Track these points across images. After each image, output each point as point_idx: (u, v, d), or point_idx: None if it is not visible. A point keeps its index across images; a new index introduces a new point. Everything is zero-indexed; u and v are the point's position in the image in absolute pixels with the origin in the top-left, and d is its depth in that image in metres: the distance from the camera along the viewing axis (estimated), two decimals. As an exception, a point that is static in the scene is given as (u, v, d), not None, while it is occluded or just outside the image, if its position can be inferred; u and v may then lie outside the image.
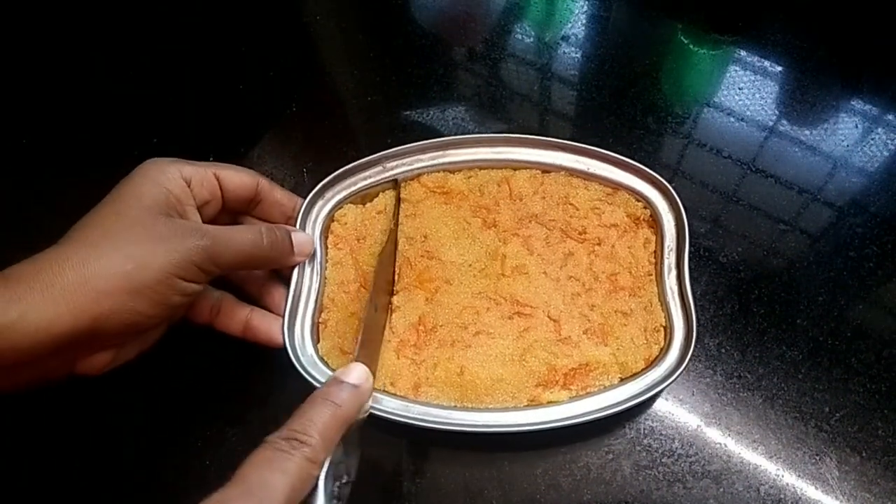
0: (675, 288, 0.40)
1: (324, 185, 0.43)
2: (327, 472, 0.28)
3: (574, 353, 0.40)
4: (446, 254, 0.43)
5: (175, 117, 0.54)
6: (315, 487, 0.27)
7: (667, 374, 0.38)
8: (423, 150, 0.45)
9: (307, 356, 0.39)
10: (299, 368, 0.37)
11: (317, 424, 0.28)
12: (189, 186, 0.35)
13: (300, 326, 0.40)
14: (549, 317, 0.41)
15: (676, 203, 0.42)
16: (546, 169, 0.45)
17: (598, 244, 0.43)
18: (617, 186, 0.44)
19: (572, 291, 0.41)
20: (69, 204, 0.33)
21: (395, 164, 0.44)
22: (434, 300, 0.41)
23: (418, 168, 0.44)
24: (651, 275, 0.42)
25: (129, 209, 0.32)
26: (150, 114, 0.54)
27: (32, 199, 0.50)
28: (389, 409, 0.37)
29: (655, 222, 0.43)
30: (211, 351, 0.40)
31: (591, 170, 0.44)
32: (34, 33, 0.59)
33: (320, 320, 0.41)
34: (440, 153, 0.45)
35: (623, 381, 0.39)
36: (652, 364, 0.39)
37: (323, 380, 0.38)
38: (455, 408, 0.38)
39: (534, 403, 0.38)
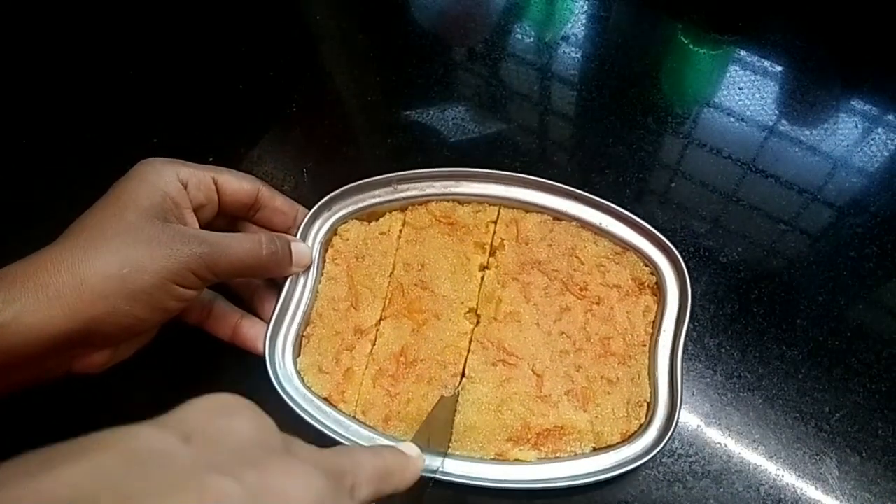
0: (667, 365, 0.39)
1: (331, 198, 0.42)
2: None
3: (551, 413, 0.38)
4: (440, 287, 0.42)
5: (175, 117, 0.54)
6: None
7: (641, 453, 0.37)
8: (436, 178, 0.43)
9: (284, 369, 0.39)
10: (273, 380, 0.37)
11: (354, 454, 0.25)
12: (186, 189, 0.35)
13: (283, 338, 0.40)
14: (533, 370, 0.40)
15: (684, 275, 0.40)
16: (557, 216, 0.43)
17: (597, 303, 0.41)
18: (626, 247, 0.42)
19: (561, 348, 0.40)
20: (68, 204, 0.33)
21: (406, 186, 0.43)
22: (420, 332, 0.41)
23: (429, 194, 0.43)
24: (645, 345, 0.40)
25: (126, 211, 0.32)
26: (149, 114, 0.54)
27: (31, 199, 0.50)
28: (355, 439, 0.37)
29: (659, 290, 0.41)
30: (198, 354, 0.40)
31: (604, 225, 0.42)
32: (34, 34, 0.59)
33: (304, 334, 0.41)
34: (453, 183, 0.44)
35: (595, 451, 0.38)
36: (628, 440, 0.38)
37: (296, 396, 0.38)
38: (421, 448, 0.38)
39: (500, 458, 0.37)
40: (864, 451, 0.39)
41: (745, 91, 0.53)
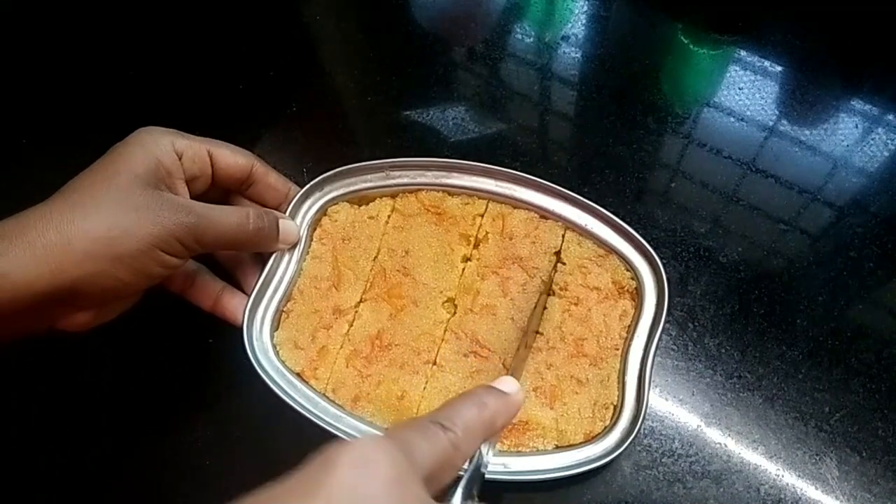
0: (637, 370, 0.39)
1: (324, 179, 0.43)
2: (465, 484, 0.26)
3: None
4: (422, 274, 0.42)
5: (175, 117, 0.53)
6: (453, 491, 0.26)
7: (602, 454, 0.37)
8: (428, 168, 0.44)
9: (261, 342, 0.39)
10: (248, 351, 0.38)
11: (462, 417, 0.26)
12: (180, 160, 0.35)
13: (263, 311, 0.40)
14: (503, 364, 0.40)
15: (663, 282, 0.40)
16: (544, 215, 0.43)
17: (576, 304, 0.41)
18: (610, 250, 0.42)
19: (534, 345, 0.40)
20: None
21: (398, 174, 0.44)
22: (397, 318, 0.41)
23: (419, 183, 0.44)
24: (618, 349, 0.40)
25: (119, 175, 0.32)
26: (149, 114, 0.53)
27: (31, 201, 0.49)
28: (323, 416, 0.37)
29: (638, 296, 0.41)
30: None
31: (589, 227, 0.42)
32: (34, 33, 0.59)
33: (284, 309, 0.41)
34: (444, 174, 0.44)
35: (557, 448, 0.38)
36: (590, 440, 0.38)
37: (269, 369, 0.38)
38: (386, 430, 0.37)
39: None
40: (864, 451, 0.39)
41: (745, 91, 0.53)
